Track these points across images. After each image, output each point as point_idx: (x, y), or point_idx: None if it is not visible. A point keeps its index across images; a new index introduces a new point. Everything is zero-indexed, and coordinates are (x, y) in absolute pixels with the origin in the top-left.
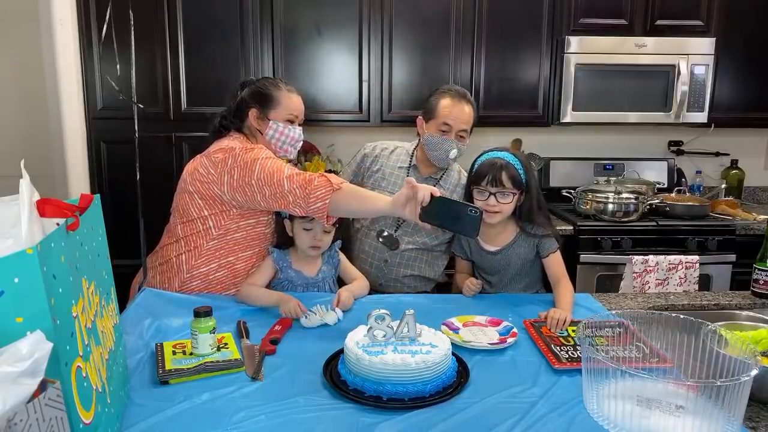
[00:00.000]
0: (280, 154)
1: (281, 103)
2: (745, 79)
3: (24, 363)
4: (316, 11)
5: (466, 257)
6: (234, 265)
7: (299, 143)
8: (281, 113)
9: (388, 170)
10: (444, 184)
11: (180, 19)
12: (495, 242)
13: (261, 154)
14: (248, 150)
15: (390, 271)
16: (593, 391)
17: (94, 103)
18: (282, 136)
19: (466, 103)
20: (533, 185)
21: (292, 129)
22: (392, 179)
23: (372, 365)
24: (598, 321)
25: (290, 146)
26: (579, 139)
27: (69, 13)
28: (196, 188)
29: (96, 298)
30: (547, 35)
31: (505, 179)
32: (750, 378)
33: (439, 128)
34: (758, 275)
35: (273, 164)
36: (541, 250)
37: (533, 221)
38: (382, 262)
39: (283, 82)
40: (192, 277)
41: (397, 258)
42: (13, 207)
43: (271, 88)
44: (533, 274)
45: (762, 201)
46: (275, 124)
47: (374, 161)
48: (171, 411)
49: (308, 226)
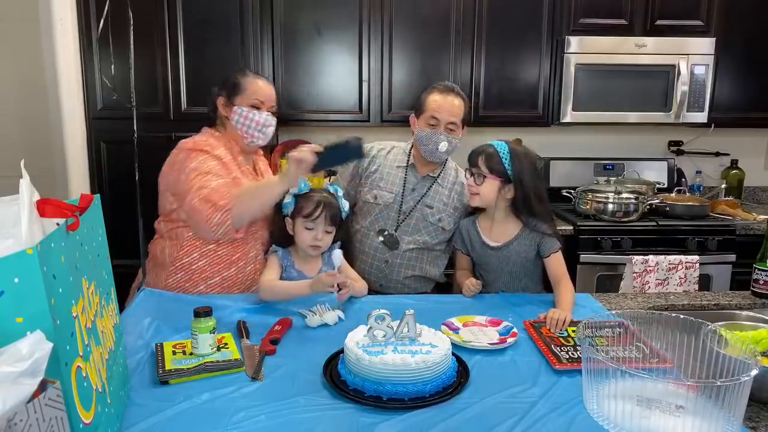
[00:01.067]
0: (248, 140)
1: (246, 89)
2: (745, 79)
3: (24, 363)
4: (316, 11)
5: (466, 252)
6: (215, 251)
7: (268, 128)
8: (246, 99)
9: (386, 170)
10: (442, 182)
11: (180, 19)
12: (497, 237)
13: (191, 164)
14: (189, 158)
15: (391, 271)
16: (593, 391)
17: (94, 103)
18: (246, 120)
19: (455, 96)
20: (526, 177)
21: (257, 113)
22: (390, 179)
23: (372, 365)
24: (598, 321)
25: (256, 131)
26: (579, 139)
27: (69, 13)
28: (164, 183)
29: (96, 298)
30: (547, 35)
31: (480, 163)
32: (750, 378)
33: (428, 122)
34: (758, 275)
35: (196, 181)
36: (542, 249)
37: (533, 213)
38: (383, 263)
39: (252, 71)
40: (176, 269)
41: (398, 258)
42: (13, 207)
43: (237, 76)
44: (533, 275)
45: (762, 201)
46: (239, 109)
47: (371, 162)
48: (171, 411)
49: (310, 225)
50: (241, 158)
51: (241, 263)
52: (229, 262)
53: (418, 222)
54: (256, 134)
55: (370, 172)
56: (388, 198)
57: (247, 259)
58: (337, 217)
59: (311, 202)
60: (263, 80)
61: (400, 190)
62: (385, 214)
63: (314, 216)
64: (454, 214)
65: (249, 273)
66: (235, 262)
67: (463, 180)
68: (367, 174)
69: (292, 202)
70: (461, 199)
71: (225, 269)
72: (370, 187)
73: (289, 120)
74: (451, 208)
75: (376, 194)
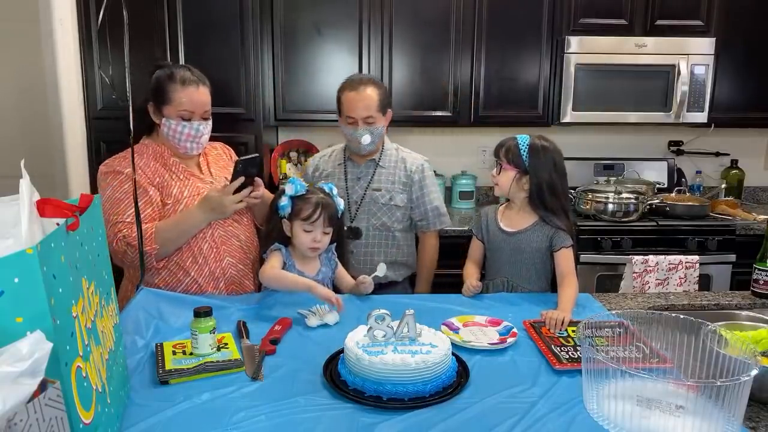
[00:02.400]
0: (181, 151)
1: (172, 100)
2: (745, 79)
3: (24, 363)
4: (316, 11)
5: (480, 237)
6: (196, 237)
7: (201, 137)
8: (173, 110)
9: (328, 171)
10: (384, 164)
11: (180, 19)
12: (513, 224)
13: (106, 192)
14: (104, 184)
15: (358, 261)
16: (593, 391)
17: (94, 103)
18: (175, 134)
19: (365, 87)
20: (541, 170)
21: (186, 126)
22: (333, 177)
23: (372, 365)
24: (598, 321)
25: (188, 143)
26: (579, 139)
27: (69, 13)
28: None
29: (96, 298)
30: (547, 35)
31: (501, 154)
32: (750, 378)
33: (347, 121)
34: (758, 275)
35: (111, 215)
36: (554, 243)
37: (545, 205)
38: (350, 254)
39: (182, 71)
40: (158, 263)
41: (362, 248)
42: (13, 207)
43: (164, 81)
44: (540, 270)
45: (762, 201)
46: (167, 122)
47: (316, 169)
48: (171, 411)
49: (309, 227)
50: (174, 159)
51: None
52: (214, 252)
53: (371, 206)
54: (188, 145)
55: (316, 178)
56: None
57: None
58: (334, 217)
59: (309, 204)
60: (192, 86)
61: (343, 184)
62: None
63: (313, 218)
64: (403, 190)
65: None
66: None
67: (406, 156)
68: (314, 180)
69: (289, 203)
70: (408, 174)
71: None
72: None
73: (289, 120)
74: (399, 185)
75: None
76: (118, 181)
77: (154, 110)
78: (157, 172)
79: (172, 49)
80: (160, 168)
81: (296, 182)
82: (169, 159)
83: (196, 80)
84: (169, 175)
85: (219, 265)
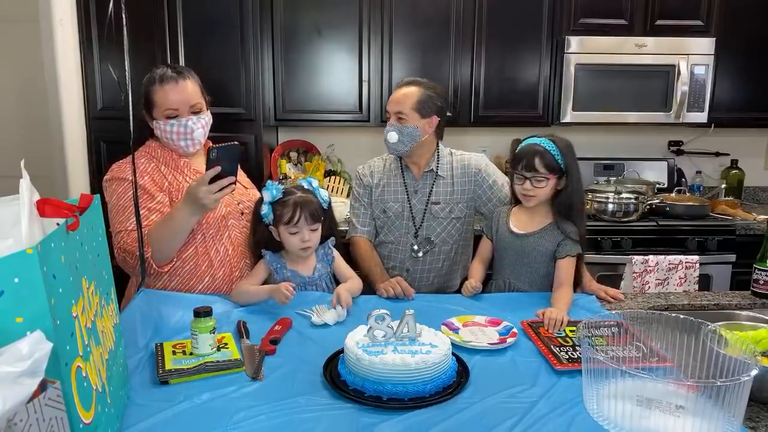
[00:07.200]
0: (180, 150)
1: (156, 102)
2: (745, 79)
3: (24, 363)
4: (316, 11)
5: (490, 236)
6: (199, 236)
7: (192, 133)
8: (159, 111)
9: (388, 180)
10: (442, 173)
11: (180, 19)
12: (523, 226)
13: (111, 199)
14: (108, 191)
15: (416, 271)
16: (593, 391)
17: (94, 103)
18: (166, 134)
19: (407, 86)
20: (574, 168)
21: (174, 124)
22: (392, 188)
23: (372, 365)
24: (597, 321)
25: (180, 141)
26: (579, 139)
27: (69, 13)
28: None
29: (96, 298)
30: (547, 35)
31: (538, 165)
32: (750, 378)
33: (386, 117)
34: (758, 275)
35: (115, 223)
36: (560, 249)
37: (572, 207)
38: (406, 271)
39: (161, 70)
40: (164, 267)
41: (418, 264)
42: (13, 207)
43: (148, 86)
44: (545, 279)
45: (762, 201)
46: (157, 124)
47: (378, 185)
48: (171, 411)
49: (293, 230)
50: (184, 159)
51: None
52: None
53: (430, 222)
54: (182, 143)
55: (375, 187)
56: (396, 208)
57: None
58: (318, 212)
59: (288, 208)
60: (171, 83)
61: (405, 197)
62: (398, 224)
63: (294, 221)
64: (462, 198)
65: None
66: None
67: (460, 158)
68: (373, 189)
69: (269, 211)
70: (466, 179)
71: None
72: (378, 201)
73: (289, 120)
74: (457, 195)
75: (383, 207)
76: (123, 188)
77: (147, 117)
78: (166, 176)
79: (172, 49)
80: (171, 171)
81: (271, 187)
82: (179, 160)
83: (176, 76)
84: (182, 177)
85: (237, 266)
